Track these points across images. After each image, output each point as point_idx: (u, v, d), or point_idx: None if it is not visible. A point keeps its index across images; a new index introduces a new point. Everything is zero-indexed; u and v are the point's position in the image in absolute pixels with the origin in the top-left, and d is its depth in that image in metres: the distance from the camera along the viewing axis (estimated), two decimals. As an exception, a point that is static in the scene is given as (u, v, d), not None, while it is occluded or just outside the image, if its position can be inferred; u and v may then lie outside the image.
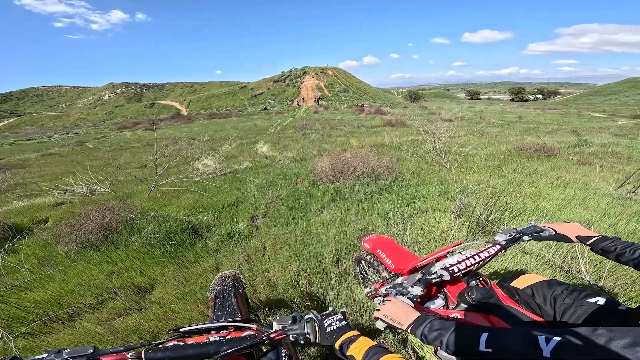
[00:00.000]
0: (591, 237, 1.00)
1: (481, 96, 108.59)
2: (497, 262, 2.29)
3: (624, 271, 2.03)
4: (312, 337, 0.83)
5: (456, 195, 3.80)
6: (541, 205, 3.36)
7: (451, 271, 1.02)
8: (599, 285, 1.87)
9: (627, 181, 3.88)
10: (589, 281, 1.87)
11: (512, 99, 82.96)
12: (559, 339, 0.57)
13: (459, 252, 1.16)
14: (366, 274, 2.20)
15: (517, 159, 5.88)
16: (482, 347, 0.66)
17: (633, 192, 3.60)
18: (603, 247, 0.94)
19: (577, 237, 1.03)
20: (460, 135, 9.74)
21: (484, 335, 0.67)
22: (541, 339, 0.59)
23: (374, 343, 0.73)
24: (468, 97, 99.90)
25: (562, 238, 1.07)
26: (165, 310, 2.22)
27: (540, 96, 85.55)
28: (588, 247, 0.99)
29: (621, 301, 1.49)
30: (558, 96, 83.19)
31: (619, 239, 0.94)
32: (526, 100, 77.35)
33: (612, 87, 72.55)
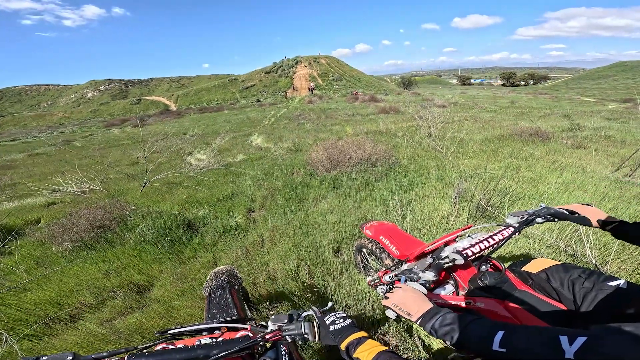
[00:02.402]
0: (612, 222, 0.96)
1: (472, 82, 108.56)
2: (500, 247, 2.28)
3: (629, 254, 2.03)
4: (310, 337, 0.78)
5: (454, 181, 3.78)
6: (540, 189, 3.36)
7: (464, 255, 0.98)
8: (605, 269, 1.87)
9: (623, 165, 3.90)
10: (595, 264, 1.86)
11: (504, 84, 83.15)
12: (584, 339, 0.51)
13: (468, 236, 1.13)
14: (367, 262, 2.18)
15: (512, 144, 5.89)
16: (495, 347, 0.61)
17: (630, 176, 3.62)
18: (625, 232, 0.91)
19: (598, 221, 1.00)
20: (454, 120, 9.72)
21: (499, 334, 0.62)
22: (564, 339, 0.53)
23: (384, 348, 0.69)
24: (460, 83, 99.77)
25: (582, 220, 1.03)
26: (166, 307, 2.18)
27: (531, 81, 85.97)
28: (608, 233, 0.96)
29: None
30: (548, 81, 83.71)
31: None
32: (517, 85, 77.64)
33: (600, 71, 73.21)
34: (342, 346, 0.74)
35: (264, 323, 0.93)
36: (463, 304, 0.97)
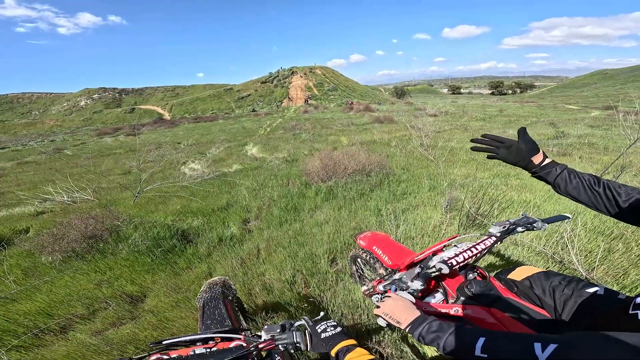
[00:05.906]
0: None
1: (462, 91, 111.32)
2: (490, 255, 2.35)
3: (614, 260, 2.11)
4: (302, 346, 0.80)
5: (445, 190, 3.87)
6: (528, 197, 3.47)
7: (450, 264, 1.02)
8: (591, 275, 1.94)
9: (606, 171, 4.05)
10: (582, 272, 1.93)
11: (492, 93, 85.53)
12: (555, 345, 0.55)
13: (454, 246, 1.18)
14: (362, 272, 2.21)
15: (501, 152, 6.04)
16: (477, 352, 0.65)
17: (613, 183, 3.75)
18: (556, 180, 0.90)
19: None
20: (445, 129, 9.94)
21: (481, 340, 0.66)
22: (537, 345, 0.57)
23: (372, 357, 0.72)
24: (450, 92, 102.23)
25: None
26: (159, 318, 2.17)
27: (518, 89, 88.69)
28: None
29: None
30: (534, 89, 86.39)
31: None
32: (505, 94, 79.95)
33: (582, 79, 76.02)
34: (332, 352, 0.76)
35: (258, 333, 0.96)
36: (452, 312, 1.01)
